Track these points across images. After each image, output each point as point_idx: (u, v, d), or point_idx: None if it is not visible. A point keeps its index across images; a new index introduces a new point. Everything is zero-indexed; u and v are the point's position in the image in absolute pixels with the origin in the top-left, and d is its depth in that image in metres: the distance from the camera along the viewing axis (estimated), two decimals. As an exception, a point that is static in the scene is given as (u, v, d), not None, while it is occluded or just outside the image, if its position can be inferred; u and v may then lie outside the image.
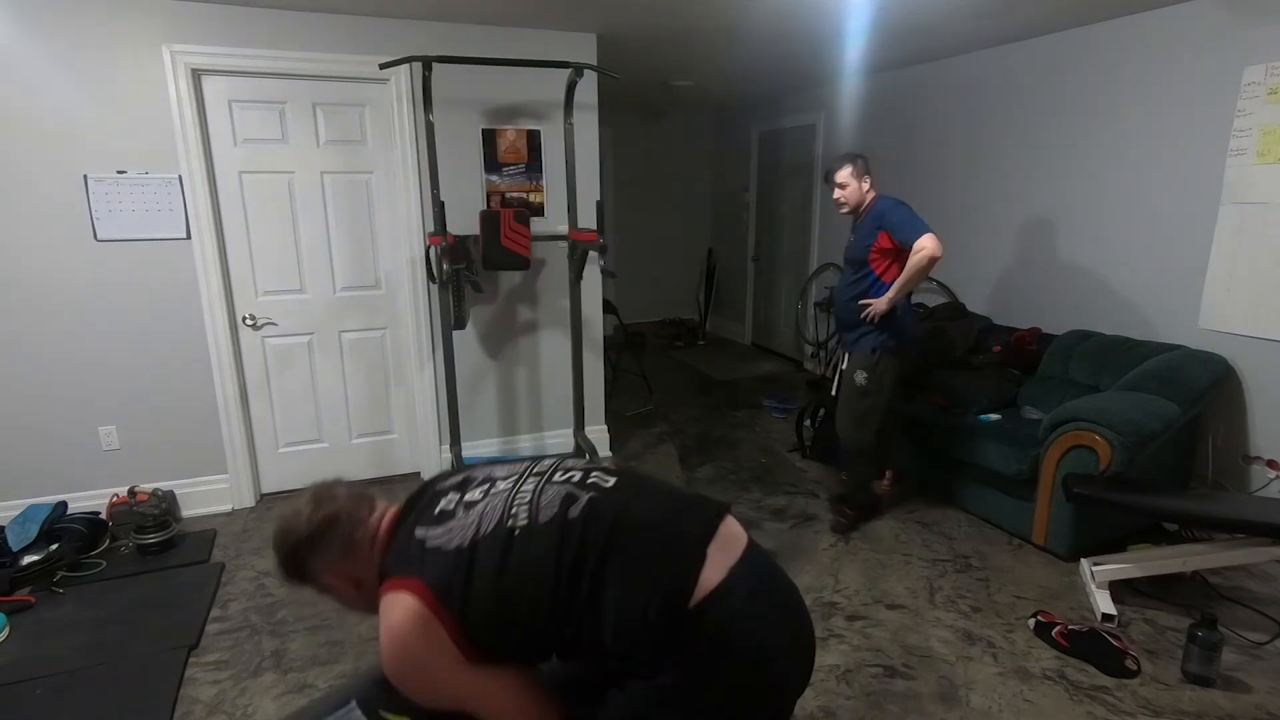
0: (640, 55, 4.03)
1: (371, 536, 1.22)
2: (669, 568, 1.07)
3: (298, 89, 3.16)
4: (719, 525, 1.14)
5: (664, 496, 1.21)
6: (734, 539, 1.15)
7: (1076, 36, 3.46)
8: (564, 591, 1.06)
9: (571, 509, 1.12)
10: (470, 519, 1.14)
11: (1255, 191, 2.84)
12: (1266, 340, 2.86)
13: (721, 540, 1.12)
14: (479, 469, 1.31)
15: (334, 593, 1.25)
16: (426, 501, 1.23)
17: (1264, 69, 2.78)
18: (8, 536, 2.73)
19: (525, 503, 1.15)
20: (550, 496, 1.15)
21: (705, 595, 1.04)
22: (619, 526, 1.09)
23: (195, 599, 2.58)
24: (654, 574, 1.06)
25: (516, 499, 1.16)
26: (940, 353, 3.66)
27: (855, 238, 2.92)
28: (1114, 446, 2.54)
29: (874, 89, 4.79)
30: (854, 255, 2.91)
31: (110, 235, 2.95)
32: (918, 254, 2.67)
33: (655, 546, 1.09)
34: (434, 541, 1.13)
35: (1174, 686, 2.10)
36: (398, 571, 1.13)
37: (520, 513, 1.13)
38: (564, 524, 1.10)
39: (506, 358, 3.73)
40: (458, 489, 1.23)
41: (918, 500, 3.40)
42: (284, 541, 1.21)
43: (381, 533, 1.23)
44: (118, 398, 3.10)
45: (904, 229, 2.73)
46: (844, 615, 2.48)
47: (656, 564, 1.07)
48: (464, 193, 3.40)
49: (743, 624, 1.06)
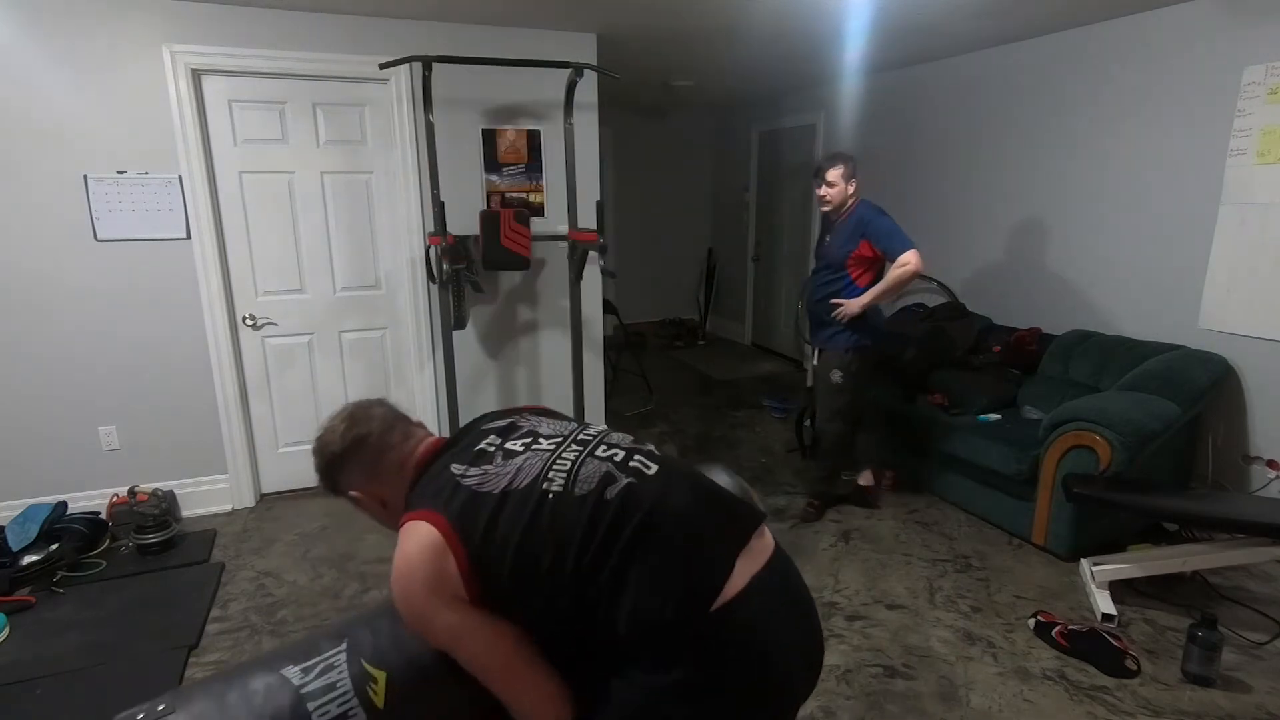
0: (640, 55, 4.03)
1: (401, 461, 1.24)
2: (695, 572, 1.05)
3: (298, 89, 3.16)
4: (751, 538, 1.12)
5: (703, 496, 1.16)
6: (763, 549, 1.14)
7: (1076, 36, 3.46)
8: (586, 568, 1.05)
9: (609, 489, 1.09)
10: (508, 469, 1.13)
11: (1255, 191, 2.84)
12: (1266, 340, 2.86)
13: (751, 550, 1.11)
14: (526, 417, 1.29)
15: (363, 507, 1.28)
16: (469, 438, 1.23)
17: (1264, 69, 2.78)
18: (8, 536, 2.73)
19: (565, 470, 1.13)
20: (589, 471, 1.12)
21: (726, 601, 1.04)
22: (652, 519, 1.07)
23: (195, 599, 2.58)
24: (678, 576, 1.04)
25: (556, 464, 1.14)
26: (940, 353, 3.66)
27: (834, 239, 2.98)
28: (1114, 446, 2.54)
29: (874, 89, 4.79)
30: (833, 257, 2.97)
31: (110, 235, 2.95)
32: (902, 268, 2.76)
33: (684, 548, 1.07)
34: (467, 480, 1.13)
35: (1174, 686, 2.10)
36: (423, 502, 1.14)
37: (557, 478, 1.11)
38: (598, 503, 1.08)
39: (506, 358, 3.73)
40: (500, 434, 1.22)
41: (918, 500, 3.40)
42: (318, 456, 1.27)
43: (416, 459, 1.24)
44: (118, 398, 3.10)
45: (888, 240, 2.82)
46: (844, 615, 2.48)
47: (682, 566, 1.05)
48: (464, 193, 3.40)
49: (759, 630, 1.06)
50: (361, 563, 2.86)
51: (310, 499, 3.46)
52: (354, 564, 2.85)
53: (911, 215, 4.55)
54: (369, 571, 2.79)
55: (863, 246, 2.87)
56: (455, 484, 1.13)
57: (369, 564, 2.85)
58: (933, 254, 4.42)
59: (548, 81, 3.42)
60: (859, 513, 3.28)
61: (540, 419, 1.29)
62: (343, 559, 2.89)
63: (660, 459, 1.20)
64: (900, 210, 4.62)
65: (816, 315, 3.10)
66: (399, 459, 1.24)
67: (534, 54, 3.32)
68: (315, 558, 2.90)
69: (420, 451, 1.25)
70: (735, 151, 6.68)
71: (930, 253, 4.43)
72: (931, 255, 4.42)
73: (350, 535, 3.09)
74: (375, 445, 1.24)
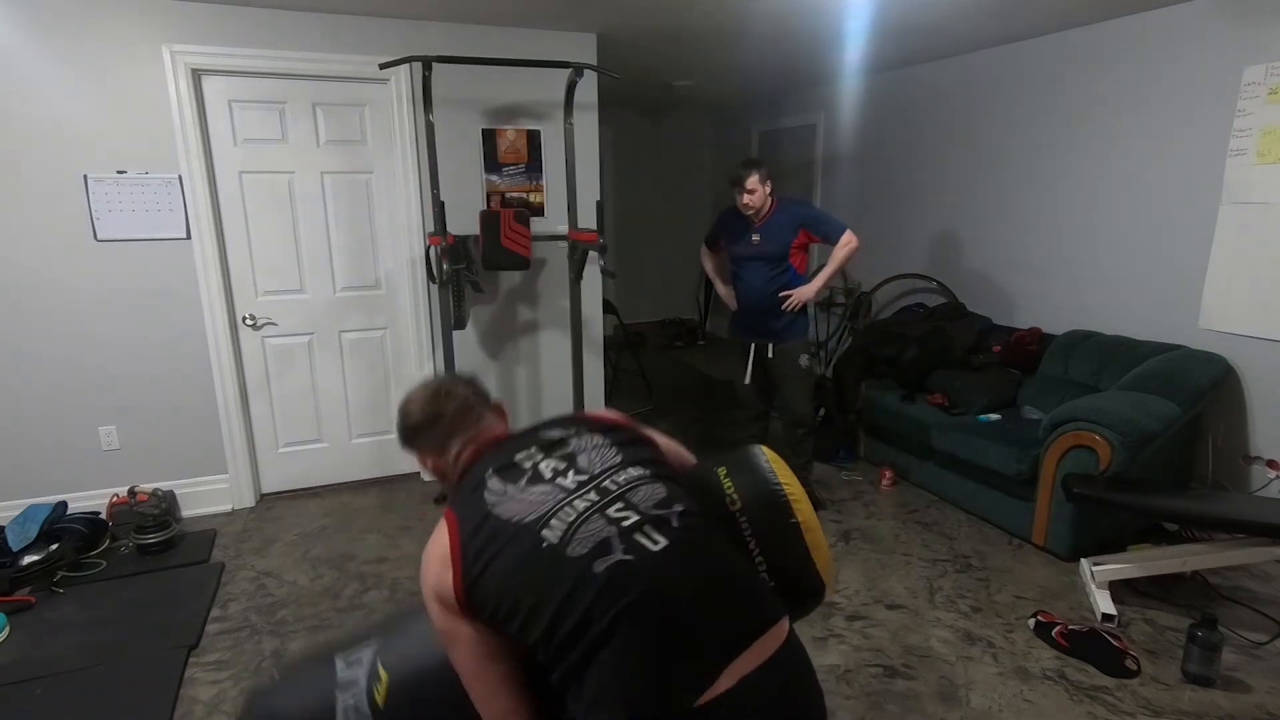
0: (640, 55, 4.03)
1: (460, 450, 1.28)
2: (669, 677, 0.94)
3: (298, 89, 3.16)
4: (753, 642, 0.98)
5: (708, 587, 1.02)
6: (768, 643, 1.00)
7: (1077, 36, 3.46)
8: (558, 642, 0.98)
9: (598, 563, 0.99)
10: (523, 498, 1.11)
11: (1255, 191, 2.84)
12: (1266, 340, 2.86)
13: (749, 651, 0.97)
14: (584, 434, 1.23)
15: (431, 472, 1.33)
16: (519, 443, 1.24)
17: (1264, 69, 2.78)
18: (8, 536, 2.73)
19: (567, 522, 1.05)
20: (589, 531, 1.03)
21: (700, 704, 0.92)
22: (635, 611, 0.96)
23: (195, 599, 2.58)
24: (649, 678, 0.94)
25: (562, 511, 1.07)
26: (940, 353, 3.66)
27: (766, 236, 3.10)
28: (1114, 446, 2.54)
29: (874, 89, 4.78)
30: (772, 252, 3.11)
31: (110, 235, 2.95)
32: (846, 246, 3.03)
33: (665, 647, 0.95)
34: (489, 495, 1.14)
35: (1174, 686, 2.10)
36: (455, 503, 1.17)
37: (557, 528, 1.05)
38: (584, 574, 0.99)
39: (506, 358, 3.73)
40: (545, 449, 1.21)
41: (918, 500, 3.40)
42: (399, 419, 1.33)
43: (469, 454, 1.27)
44: (118, 398, 3.10)
45: (826, 226, 3.09)
46: (844, 615, 2.48)
47: (656, 667, 0.94)
48: (464, 193, 3.40)
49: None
50: (361, 563, 2.86)
51: (310, 499, 3.46)
52: (354, 564, 2.85)
53: (911, 215, 4.56)
54: (369, 571, 2.79)
55: (801, 235, 3.08)
56: (480, 497, 1.14)
57: (369, 564, 2.85)
58: (933, 254, 4.43)
59: (548, 81, 3.42)
60: (859, 512, 3.28)
61: (594, 442, 1.21)
62: (343, 559, 2.89)
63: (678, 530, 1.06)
64: (900, 210, 4.65)
65: (770, 310, 3.15)
66: (462, 446, 1.28)
67: (534, 54, 3.32)
68: (315, 558, 2.90)
69: (475, 447, 1.28)
70: (735, 151, 6.67)
71: (930, 252, 4.45)
72: (932, 255, 4.44)
73: (350, 535, 3.09)
74: (446, 428, 1.29)
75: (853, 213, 4.85)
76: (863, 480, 3.67)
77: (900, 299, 4.62)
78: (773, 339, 3.20)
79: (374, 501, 3.43)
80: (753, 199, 3.03)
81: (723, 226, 3.31)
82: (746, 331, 3.29)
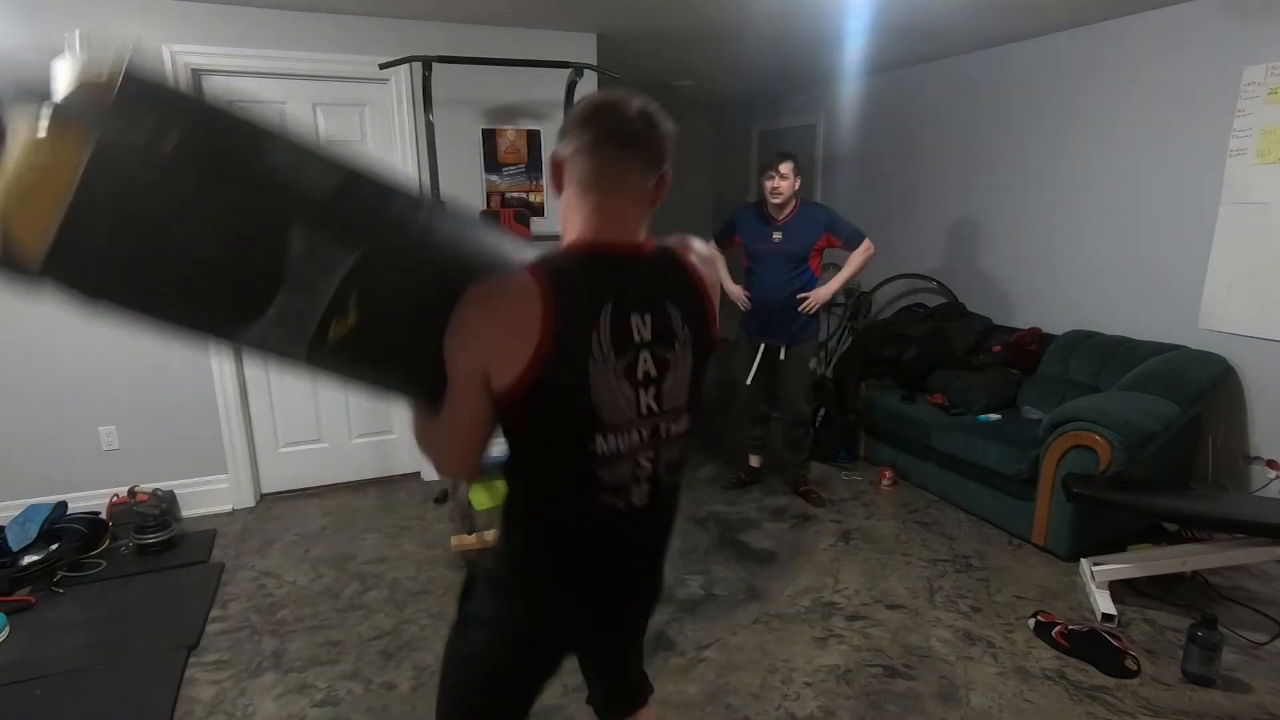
0: (640, 55, 4.03)
1: (604, 218, 0.97)
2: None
3: (298, 89, 3.16)
4: None
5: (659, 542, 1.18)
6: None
7: (1077, 36, 3.46)
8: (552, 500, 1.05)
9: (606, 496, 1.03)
10: (614, 385, 0.96)
11: (1255, 191, 2.84)
12: (1266, 340, 2.86)
13: None
14: (684, 349, 1.03)
15: (548, 180, 1.22)
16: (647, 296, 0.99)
17: (1264, 69, 2.78)
18: (8, 536, 2.73)
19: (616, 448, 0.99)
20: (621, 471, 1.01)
21: None
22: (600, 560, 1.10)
23: (195, 599, 2.58)
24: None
25: (625, 432, 0.99)
26: (940, 353, 3.66)
27: (788, 235, 3.13)
28: (1114, 446, 2.54)
29: (874, 89, 4.78)
30: (794, 251, 3.13)
31: (110, 235, 2.94)
32: (866, 253, 3.12)
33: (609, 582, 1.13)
34: (595, 346, 0.93)
35: (1174, 686, 2.10)
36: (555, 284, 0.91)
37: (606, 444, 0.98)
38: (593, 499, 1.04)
39: (506, 358, 3.72)
40: (656, 336, 0.98)
41: (918, 500, 3.40)
42: (571, 112, 1.00)
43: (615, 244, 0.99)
44: (118, 398, 3.09)
45: (848, 231, 3.16)
46: (844, 615, 2.48)
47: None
48: (464, 193, 3.40)
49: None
50: (361, 563, 2.86)
51: (310, 499, 3.46)
52: (354, 564, 2.85)
53: (911, 215, 4.56)
54: (369, 571, 2.79)
55: (823, 239, 3.14)
56: (589, 337, 0.93)
57: (369, 564, 2.85)
58: (933, 254, 4.43)
59: (548, 81, 3.41)
60: (859, 513, 3.29)
61: (686, 365, 1.04)
62: (343, 559, 2.89)
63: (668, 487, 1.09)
64: (900, 210, 4.65)
65: (786, 311, 3.18)
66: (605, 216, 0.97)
67: (534, 54, 3.32)
68: (315, 558, 2.90)
69: (622, 240, 0.99)
70: (735, 151, 6.68)
71: (930, 253, 4.45)
72: (931, 255, 4.44)
73: (350, 535, 3.09)
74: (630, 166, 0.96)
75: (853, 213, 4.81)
76: (863, 480, 3.67)
77: (900, 299, 4.62)
78: (787, 340, 3.21)
79: (374, 501, 3.43)
80: (783, 185, 3.04)
81: (740, 222, 3.32)
82: (759, 332, 3.29)
